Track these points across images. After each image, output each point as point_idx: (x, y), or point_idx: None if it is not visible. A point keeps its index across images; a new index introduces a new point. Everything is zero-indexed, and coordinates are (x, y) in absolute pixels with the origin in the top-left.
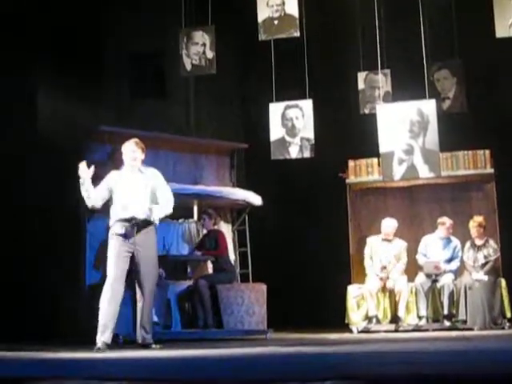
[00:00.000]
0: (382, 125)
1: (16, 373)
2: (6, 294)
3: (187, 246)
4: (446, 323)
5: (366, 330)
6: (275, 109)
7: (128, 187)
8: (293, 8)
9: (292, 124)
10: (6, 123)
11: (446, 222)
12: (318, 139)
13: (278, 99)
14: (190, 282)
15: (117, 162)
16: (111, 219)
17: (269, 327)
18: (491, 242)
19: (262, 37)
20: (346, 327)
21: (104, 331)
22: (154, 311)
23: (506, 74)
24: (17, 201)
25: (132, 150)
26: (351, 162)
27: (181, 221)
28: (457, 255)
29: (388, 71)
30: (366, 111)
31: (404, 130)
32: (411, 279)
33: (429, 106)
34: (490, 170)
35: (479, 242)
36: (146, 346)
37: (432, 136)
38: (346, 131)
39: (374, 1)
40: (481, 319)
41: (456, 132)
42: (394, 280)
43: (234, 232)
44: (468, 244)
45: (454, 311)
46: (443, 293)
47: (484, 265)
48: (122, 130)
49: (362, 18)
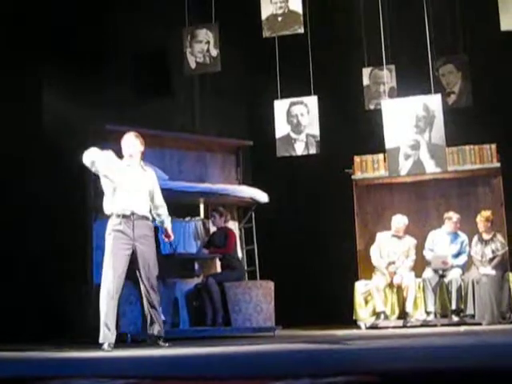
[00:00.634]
0: (388, 120)
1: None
2: (14, 294)
3: (194, 244)
4: (454, 318)
5: (374, 326)
6: (280, 106)
7: (127, 181)
8: (296, 4)
9: (297, 121)
10: (10, 122)
11: (452, 216)
12: (324, 136)
13: (283, 96)
14: (197, 280)
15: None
16: (107, 209)
17: (277, 324)
18: (499, 237)
19: (266, 34)
20: (353, 323)
21: (108, 329)
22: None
23: (511, 67)
24: (21, 200)
25: (130, 142)
26: (357, 158)
27: (187, 219)
28: (464, 250)
29: (393, 67)
30: (372, 107)
31: (410, 125)
32: (419, 274)
33: (434, 101)
34: (496, 165)
35: (487, 237)
36: (155, 342)
37: (438, 131)
38: (352, 127)
39: None
40: (489, 314)
41: (462, 127)
42: (402, 276)
43: (240, 230)
44: (475, 238)
45: (462, 306)
46: (451, 288)
47: (492, 259)
48: (127, 128)
49: (367, 14)
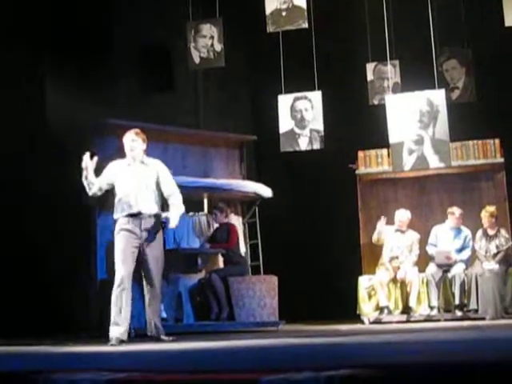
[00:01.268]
0: (392, 115)
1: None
2: (18, 289)
3: (198, 240)
4: (458, 313)
5: (377, 321)
6: (284, 101)
7: (131, 180)
8: None
9: (301, 116)
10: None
11: (455, 211)
12: (328, 131)
13: (287, 91)
14: (201, 275)
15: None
16: (116, 213)
17: (280, 319)
18: (503, 232)
19: (271, 29)
20: (357, 318)
21: (118, 326)
22: (164, 307)
23: None
24: (25, 196)
25: (131, 140)
26: (361, 153)
27: (191, 214)
28: (468, 245)
29: (397, 62)
30: (375, 102)
31: (413, 120)
32: (422, 269)
33: (438, 96)
34: (499, 160)
35: (491, 232)
36: (157, 339)
37: (442, 126)
38: (356, 122)
39: None
40: (492, 309)
41: (465, 122)
42: (405, 270)
43: (244, 224)
44: (479, 233)
45: (466, 301)
46: (454, 283)
47: (496, 254)
48: (131, 123)
49: (371, 9)
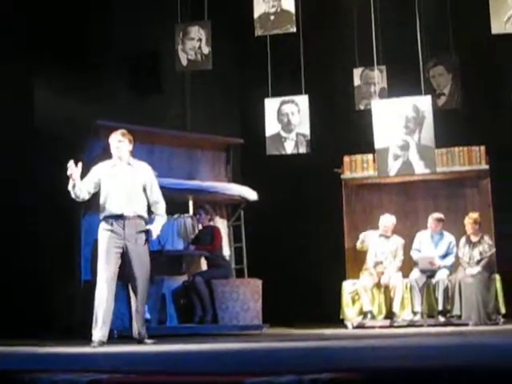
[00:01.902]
0: (378, 121)
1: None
2: (2, 290)
3: (182, 242)
4: (441, 319)
5: (360, 326)
6: (271, 104)
7: (117, 181)
8: (289, 3)
9: (288, 119)
10: (2, 118)
11: (430, 217)
12: (314, 135)
13: (274, 95)
14: (185, 278)
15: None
16: (101, 214)
17: (264, 322)
18: (486, 239)
19: (259, 32)
20: (340, 323)
21: (100, 328)
22: (147, 308)
23: (501, 70)
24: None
25: (118, 140)
26: (346, 158)
27: (176, 216)
28: (451, 251)
29: (384, 67)
30: (362, 107)
31: (399, 125)
32: (406, 275)
33: (424, 102)
34: (485, 166)
35: (474, 239)
36: (140, 341)
37: (427, 132)
38: (342, 127)
39: None
40: (475, 315)
41: (451, 128)
42: (389, 276)
43: (229, 227)
44: (463, 240)
45: (449, 307)
46: (438, 288)
47: (479, 261)
48: (118, 125)
49: (358, 14)
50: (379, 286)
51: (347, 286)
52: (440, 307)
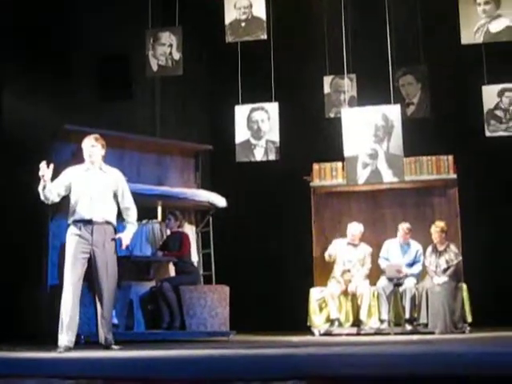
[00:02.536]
0: (347, 129)
1: None
2: None
3: (150, 247)
4: (408, 327)
5: (327, 333)
6: (241, 111)
7: (87, 187)
8: (260, 11)
9: (257, 126)
10: None
11: (400, 228)
12: (283, 142)
13: (244, 101)
14: (152, 283)
15: (81, 161)
16: (69, 218)
17: (231, 329)
18: (452, 247)
19: (229, 39)
20: (308, 330)
21: (66, 333)
22: (115, 313)
23: (469, 80)
24: None
25: (91, 145)
26: (316, 166)
27: (144, 221)
28: (418, 259)
29: (354, 76)
30: (332, 115)
31: (368, 134)
32: (374, 283)
33: (393, 111)
34: (453, 176)
35: (441, 248)
36: (107, 347)
37: (396, 141)
38: (311, 135)
39: (341, 6)
40: (442, 323)
41: (420, 137)
42: (356, 284)
43: (197, 233)
44: (429, 249)
45: (416, 315)
46: (405, 297)
47: (446, 270)
48: (87, 130)
49: (329, 23)
50: (346, 293)
51: (315, 293)
52: (407, 315)
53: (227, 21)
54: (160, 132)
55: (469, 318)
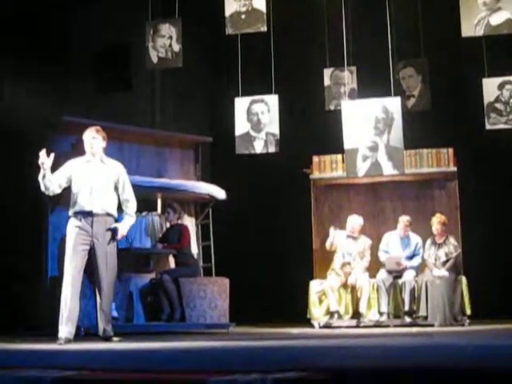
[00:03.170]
0: (347, 121)
1: None
2: None
3: (150, 240)
4: (407, 319)
5: (327, 325)
6: (241, 103)
7: (88, 178)
8: (260, 3)
9: (257, 119)
10: None
11: (400, 220)
12: (283, 134)
13: (244, 94)
14: (152, 276)
15: (81, 153)
16: (70, 210)
17: (231, 321)
18: (451, 240)
19: (229, 31)
20: (307, 322)
21: (66, 325)
22: (115, 306)
23: (470, 73)
24: None
25: (92, 137)
26: (315, 158)
27: (144, 214)
28: (418, 252)
29: (354, 68)
30: (332, 107)
31: (369, 126)
32: (373, 275)
33: (394, 104)
34: (453, 168)
35: (440, 240)
36: (107, 339)
37: (396, 133)
38: (311, 127)
39: None
40: (441, 316)
41: (420, 130)
42: (356, 276)
43: (197, 226)
44: (429, 242)
45: (415, 307)
46: (404, 289)
47: (445, 262)
48: (87, 121)
49: (329, 15)
50: (346, 286)
51: (314, 285)
52: (406, 308)
53: (227, 13)
54: (159, 124)
55: (468, 311)
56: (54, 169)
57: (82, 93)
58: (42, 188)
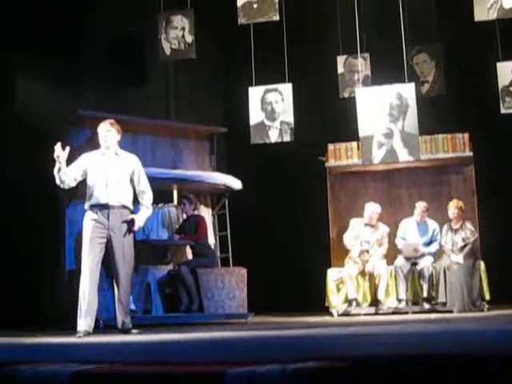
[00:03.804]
0: (362, 109)
1: None
2: None
3: (167, 231)
4: (426, 306)
5: (345, 313)
6: (255, 93)
7: (103, 171)
8: None
9: (271, 108)
10: None
11: (417, 206)
12: (298, 123)
13: (258, 83)
14: (170, 267)
15: (96, 146)
16: (86, 203)
17: (249, 311)
18: (468, 225)
19: (242, 21)
20: (326, 310)
21: (85, 318)
22: (132, 298)
23: (484, 57)
24: None
25: (106, 130)
26: (331, 146)
27: (160, 205)
28: (435, 238)
29: (367, 55)
30: (346, 95)
31: (383, 113)
32: (391, 262)
33: (408, 90)
34: (468, 153)
35: (456, 226)
36: (126, 331)
37: (411, 119)
38: (326, 115)
39: None
40: (460, 301)
41: (435, 115)
42: (374, 263)
43: (214, 216)
44: (445, 227)
45: (434, 294)
46: (422, 275)
47: (463, 247)
48: (101, 114)
49: (342, 2)
50: (364, 273)
51: (332, 273)
52: (425, 294)
53: (239, 2)
54: (174, 115)
55: (487, 296)
56: (69, 162)
57: (96, 85)
58: (58, 181)
